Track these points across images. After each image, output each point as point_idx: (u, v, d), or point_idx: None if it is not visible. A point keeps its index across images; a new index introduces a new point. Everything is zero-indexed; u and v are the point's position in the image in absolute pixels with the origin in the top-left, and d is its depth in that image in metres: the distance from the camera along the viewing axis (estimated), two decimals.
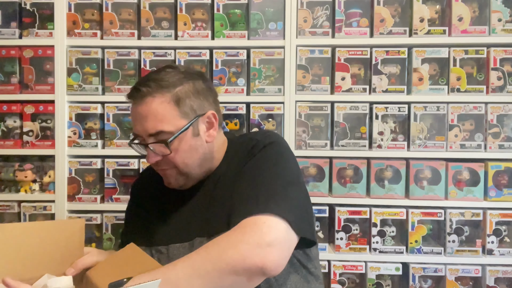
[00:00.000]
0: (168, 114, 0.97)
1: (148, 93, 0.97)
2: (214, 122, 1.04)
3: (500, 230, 1.76)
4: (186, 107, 0.99)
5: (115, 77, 1.85)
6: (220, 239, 0.82)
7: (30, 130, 1.84)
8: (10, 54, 1.84)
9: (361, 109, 1.80)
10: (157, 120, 0.96)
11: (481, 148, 1.77)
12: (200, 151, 1.02)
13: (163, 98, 0.97)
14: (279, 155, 0.99)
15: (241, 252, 0.77)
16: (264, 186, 0.90)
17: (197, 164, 1.02)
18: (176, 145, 0.98)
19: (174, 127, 0.97)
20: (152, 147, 0.98)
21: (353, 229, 1.79)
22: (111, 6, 1.83)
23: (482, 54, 1.78)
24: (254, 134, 1.08)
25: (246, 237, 0.80)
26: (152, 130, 0.97)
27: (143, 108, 0.97)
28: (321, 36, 1.81)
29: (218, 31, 1.82)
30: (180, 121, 0.98)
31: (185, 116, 0.99)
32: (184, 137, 0.99)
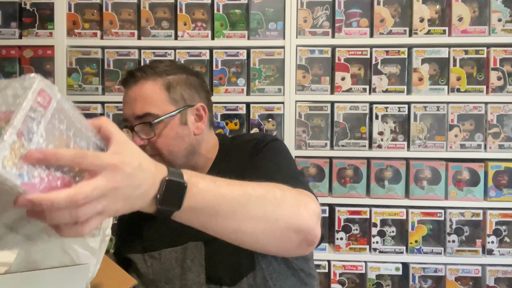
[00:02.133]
0: (157, 97, 0.98)
1: (141, 77, 0.99)
2: (203, 115, 1.04)
3: (500, 230, 1.76)
4: (176, 95, 1.00)
5: (115, 77, 1.85)
6: (291, 190, 0.77)
7: None
8: (10, 54, 1.84)
9: (361, 109, 1.80)
10: (146, 103, 0.97)
11: (481, 148, 1.77)
12: (186, 141, 1.01)
13: (155, 83, 0.99)
14: (286, 150, 1.01)
15: (310, 214, 0.76)
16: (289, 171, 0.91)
17: (183, 155, 1.01)
18: (161, 129, 0.98)
19: (161, 111, 0.97)
20: (137, 129, 0.98)
21: (353, 229, 1.79)
22: (111, 6, 1.83)
23: (482, 54, 1.78)
24: (250, 136, 1.07)
25: (312, 203, 0.79)
26: (139, 112, 0.97)
27: (133, 91, 0.99)
28: (321, 36, 1.81)
29: (218, 31, 1.82)
30: (168, 106, 0.99)
31: (174, 102, 0.99)
32: (170, 122, 0.99)
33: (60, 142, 0.50)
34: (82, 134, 0.53)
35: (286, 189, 0.76)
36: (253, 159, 0.96)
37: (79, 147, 0.53)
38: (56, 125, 0.50)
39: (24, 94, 0.47)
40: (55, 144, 0.49)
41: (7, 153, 0.44)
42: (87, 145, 0.54)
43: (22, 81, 0.49)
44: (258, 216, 0.69)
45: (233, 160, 1.02)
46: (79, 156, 0.50)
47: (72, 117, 0.52)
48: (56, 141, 0.50)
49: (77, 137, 0.52)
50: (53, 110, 0.49)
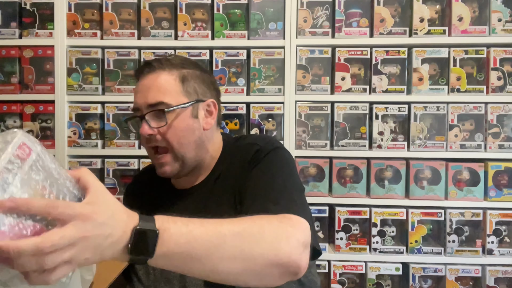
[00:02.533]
0: (171, 88, 0.99)
1: (157, 67, 1.00)
2: (213, 111, 1.05)
3: (500, 230, 1.76)
4: (190, 88, 1.01)
5: (115, 77, 1.85)
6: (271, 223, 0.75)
7: (30, 130, 1.84)
8: (10, 54, 1.84)
9: (361, 109, 1.80)
10: (160, 92, 0.98)
11: (481, 148, 1.77)
12: (196, 134, 1.01)
13: (170, 73, 1.00)
14: (287, 160, 0.99)
15: (292, 246, 0.73)
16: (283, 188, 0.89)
17: (192, 148, 1.01)
18: (173, 119, 0.98)
19: (174, 101, 0.98)
20: (148, 117, 0.98)
21: (353, 229, 1.79)
22: (111, 6, 1.83)
23: (482, 54, 1.78)
24: (253, 139, 1.05)
25: (295, 233, 0.75)
26: (152, 100, 0.98)
27: (148, 80, 1.00)
28: (321, 36, 1.81)
29: (218, 31, 1.82)
30: (181, 97, 0.99)
31: (187, 95, 1.00)
32: (182, 114, 0.99)
33: (35, 192, 0.53)
34: (59, 184, 0.56)
35: (265, 223, 0.74)
36: (252, 169, 0.96)
37: (56, 196, 0.55)
38: (33, 176, 0.53)
39: (5, 147, 0.50)
40: (30, 193, 0.52)
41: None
42: (64, 195, 0.56)
43: (5, 135, 0.52)
44: (234, 256, 0.68)
45: (234, 163, 1.02)
46: (49, 205, 0.51)
47: (50, 168, 0.55)
48: (31, 190, 0.52)
49: (54, 187, 0.55)
50: (32, 162, 0.53)
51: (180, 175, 1.03)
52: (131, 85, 1.84)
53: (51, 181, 0.55)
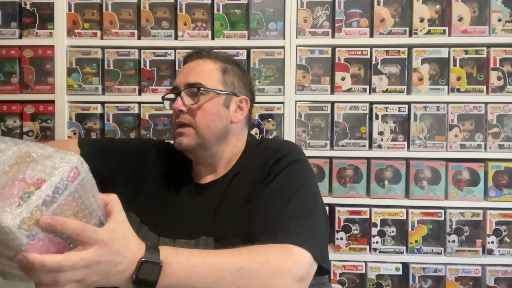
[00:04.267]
0: (212, 74, 1.05)
1: (206, 55, 1.08)
2: (244, 107, 1.10)
3: (500, 230, 1.76)
4: (229, 80, 1.07)
5: (115, 77, 1.85)
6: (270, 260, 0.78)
7: (30, 130, 1.84)
8: (10, 54, 1.84)
9: (361, 109, 1.80)
10: (200, 75, 1.05)
11: (481, 148, 1.77)
12: (223, 122, 1.05)
13: (215, 63, 1.07)
14: (305, 176, 0.98)
15: (286, 284, 0.77)
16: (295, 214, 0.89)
17: (216, 134, 1.04)
18: (205, 100, 1.03)
19: (211, 86, 1.04)
20: (183, 94, 1.04)
21: (353, 229, 1.80)
22: (111, 6, 1.83)
23: (482, 54, 1.78)
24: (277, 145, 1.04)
25: (292, 269, 0.79)
26: (192, 80, 1.04)
27: (194, 64, 1.08)
28: (321, 36, 1.81)
29: (218, 31, 1.82)
30: (218, 85, 1.06)
31: (225, 85, 1.06)
32: (214, 99, 1.04)
33: (72, 212, 0.59)
34: (92, 209, 0.61)
35: (264, 260, 0.77)
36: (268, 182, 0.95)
37: (85, 217, 0.60)
38: (75, 196, 0.58)
39: (60, 167, 0.56)
40: (67, 214, 0.58)
41: (26, 216, 0.53)
42: (92, 217, 0.62)
43: (63, 155, 0.58)
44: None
45: (255, 165, 1.02)
46: (80, 228, 0.57)
47: (88, 191, 0.61)
48: (69, 211, 0.58)
49: (87, 211, 0.61)
50: (77, 184, 0.58)
51: (192, 152, 1.06)
52: (131, 85, 1.84)
53: (86, 204, 0.60)
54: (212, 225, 0.99)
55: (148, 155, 1.15)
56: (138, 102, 1.84)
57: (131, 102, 1.84)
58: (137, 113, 1.84)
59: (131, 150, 1.16)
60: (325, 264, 0.88)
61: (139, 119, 1.84)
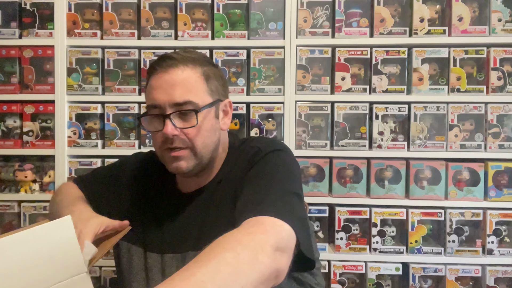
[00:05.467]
0: (198, 86, 0.94)
1: (181, 61, 0.94)
2: (229, 111, 1.03)
3: (500, 230, 1.76)
4: (213, 86, 0.97)
5: (115, 77, 1.85)
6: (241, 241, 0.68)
7: (30, 130, 1.84)
8: (10, 54, 1.84)
9: (361, 109, 1.80)
10: (187, 90, 0.92)
11: (481, 148, 1.77)
12: (217, 135, 0.98)
13: (195, 70, 0.94)
14: (282, 162, 0.94)
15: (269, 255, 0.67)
16: (269, 191, 0.85)
17: (212, 148, 0.97)
18: (201, 120, 0.93)
19: (201, 101, 0.93)
20: (173, 117, 0.92)
21: (353, 229, 1.79)
22: (111, 6, 1.83)
23: (482, 54, 1.78)
24: (256, 142, 1.01)
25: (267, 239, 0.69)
26: (180, 99, 0.91)
27: (172, 76, 0.92)
28: (321, 36, 1.81)
29: (218, 31, 1.82)
30: (206, 97, 0.95)
31: (211, 94, 0.96)
32: (208, 115, 0.95)
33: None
34: None
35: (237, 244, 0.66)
36: (249, 170, 0.93)
37: None
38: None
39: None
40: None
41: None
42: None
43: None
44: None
45: (236, 167, 0.98)
46: None
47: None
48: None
49: None
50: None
51: (192, 173, 0.98)
52: (131, 85, 1.84)
53: None
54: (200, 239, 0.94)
55: (123, 177, 1.11)
56: (138, 102, 1.84)
57: (131, 102, 1.84)
58: (137, 113, 1.84)
59: (109, 181, 1.12)
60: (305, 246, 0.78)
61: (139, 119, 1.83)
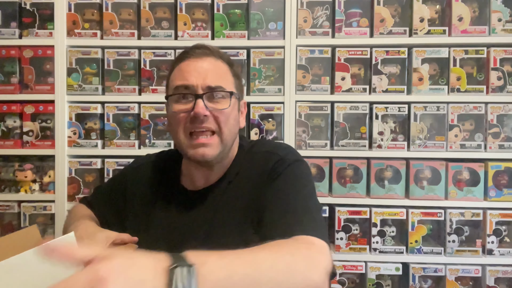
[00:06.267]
0: (229, 78, 1.00)
1: (214, 53, 0.99)
2: (244, 112, 1.07)
3: (500, 230, 1.76)
4: (238, 84, 1.03)
5: (115, 77, 1.85)
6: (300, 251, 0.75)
7: (30, 130, 1.84)
8: (10, 54, 1.84)
9: (361, 109, 1.80)
10: (220, 77, 0.97)
11: (481, 148, 1.77)
12: (237, 128, 1.02)
13: (225, 65, 1.00)
14: (307, 177, 0.98)
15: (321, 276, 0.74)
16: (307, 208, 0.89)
17: (233, 139, 1.01)
18: (232, 107, 0.97)
19: (230, 90, 0.98)
20: (206, 98, 0.94)
21: (353, 229, 1.79)
22: (111, 6, 1.83)
23: (482, 54, 1.78)
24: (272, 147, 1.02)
25: (322, 261, 0.76)
26: (213, 83, 0.95)
27: (206, 62, 0.97)
28: (321, 36, 1.81)
29: (218, 31, 1.82)
30: (234, 89, 1.00)
31: (237, 89, 1.02)
32: (235, 105, 1.00)
33: None
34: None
35: (295, 251, 0.75)
36: (273, 182, 0.94)
37: None
38: None
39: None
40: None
41: None
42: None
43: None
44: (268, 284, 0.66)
45: (251, 169, 1.00)
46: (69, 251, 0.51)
47: None
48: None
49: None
50: None
51: (212, 162, 0.99)
52: (131, 85, 1.84)
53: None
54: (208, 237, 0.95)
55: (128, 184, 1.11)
56: (138, 102, 1.84)
57: (131, 102, 1.84)
58: (137, 113, 1.84)
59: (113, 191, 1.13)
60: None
61: (139, 119, 1.84)
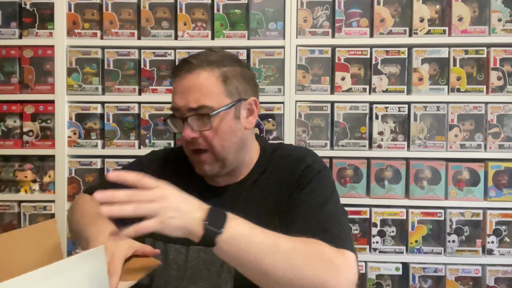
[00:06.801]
0: (214, 89, 0.94)
1: (198, 65, 0.95)
2: (254, 110, 1.02)
3: (500, 230, 1.76)
4: (232, 87, 0.97)
5: (115, 77, 1.85)
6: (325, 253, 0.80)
7: (30, 130, 1.84)
8: (10, 54, 1.84)
9: (361, 109, 1.80)
10: (201, 94, 0.93)
11: (481, 148, 1.77)
12: (238, 135, 0.98)
13: (212, 73, 0.95)
14: (333, 186, 1.01)
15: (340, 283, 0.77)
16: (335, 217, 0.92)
17: (234, 149, 0.98)
18: (217, 123, 0.94)
19: (217, 104, 0.94)
20: (190, 121, 0.94)
21: (353, 229, 1.79)
22: (111, 6, 1.83)
23: (482, 54, 1.78)
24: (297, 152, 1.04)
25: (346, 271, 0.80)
26: (194, 104, 0.93)
27: (189, 81, 0.94)
28: (321, 36, 1.81)
29: (218, 31, 1.82)
30: (224, 99, 0.95)
31: (230, 95, 0.96)
32: (225, 116, 0.95)
33: None
34: None
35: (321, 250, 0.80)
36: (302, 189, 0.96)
37: None
38: None
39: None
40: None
41: None
42: None
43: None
44: (284, 268, 0.75)
45: (276, 173, 1.01)
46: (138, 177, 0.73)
47: None
48: None
49: None
50: None
51: (218, 175, 1.01)
52: (131, 85, 1.84)
53: None
54: None
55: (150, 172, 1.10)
56: (138, 102, 1.84)
57: (131, 102, 1.84)
58: (137, 113, 1.84)
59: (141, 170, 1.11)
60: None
61: (139, 119, 1.84)
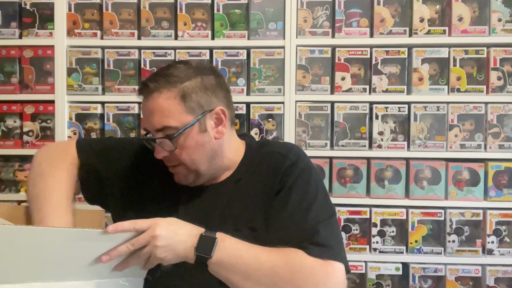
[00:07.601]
0: (174, 109, 0.95)
1: (155, 88, 0.96)
2: (223, 118, 1.00)
3: (500, 230, 1.76)
4: (193, 103, 0.96)
5: (115, 77, 1.85)
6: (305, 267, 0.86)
7: (30, 130, 1.84)
8: (10, 54, 1.84)
9: (361, 109, 1.80)
10: (163, 116, 0.95)
11: (481, 148, 1.77)
12: (207, 148, 0.99)
13: (169, 94, 0.95)
14: (318, 181, 1.02)
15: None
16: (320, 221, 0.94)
17: (205, 161, 1.00)
18: (182, 141, 0.96)
19: (179, 123, 0.95)
20: (158, 141, 0.97)
21: (353, 229, 1.79)
22: (111, 6, 1.83)
23: (482, 54, 1.78)
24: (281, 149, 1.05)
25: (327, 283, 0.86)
26: (158, 126, 0.96)
27: (149, 104, 0.97)
28: (321, 36, 1.81)
29: (218, 31, 1.82)
30: (186, 116, 0.96)
31: (191, 111, 0.96)
32: (190, 133, 0.97)
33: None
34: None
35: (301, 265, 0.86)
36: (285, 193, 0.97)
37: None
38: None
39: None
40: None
41: None
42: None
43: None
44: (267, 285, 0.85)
45: (260, 170, 1.02)
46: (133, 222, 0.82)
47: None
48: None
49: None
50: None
51: (196, 183, 1.03)
52: (131, 85, 1.84)
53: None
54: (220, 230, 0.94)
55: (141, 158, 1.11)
56: (138, 102, 1.84)
57: (131, 102, 1.84)
58: (137, 113, 1.84)
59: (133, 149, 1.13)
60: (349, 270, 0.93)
61: (139, 119, 1.84)
